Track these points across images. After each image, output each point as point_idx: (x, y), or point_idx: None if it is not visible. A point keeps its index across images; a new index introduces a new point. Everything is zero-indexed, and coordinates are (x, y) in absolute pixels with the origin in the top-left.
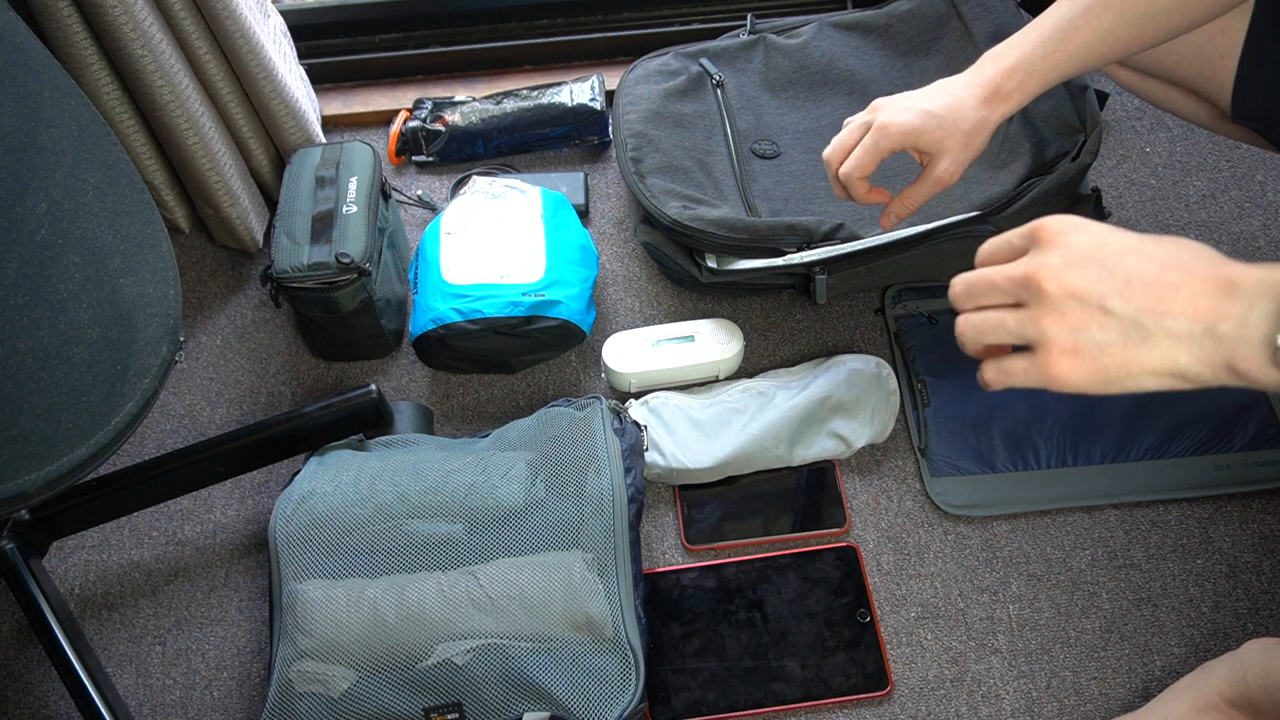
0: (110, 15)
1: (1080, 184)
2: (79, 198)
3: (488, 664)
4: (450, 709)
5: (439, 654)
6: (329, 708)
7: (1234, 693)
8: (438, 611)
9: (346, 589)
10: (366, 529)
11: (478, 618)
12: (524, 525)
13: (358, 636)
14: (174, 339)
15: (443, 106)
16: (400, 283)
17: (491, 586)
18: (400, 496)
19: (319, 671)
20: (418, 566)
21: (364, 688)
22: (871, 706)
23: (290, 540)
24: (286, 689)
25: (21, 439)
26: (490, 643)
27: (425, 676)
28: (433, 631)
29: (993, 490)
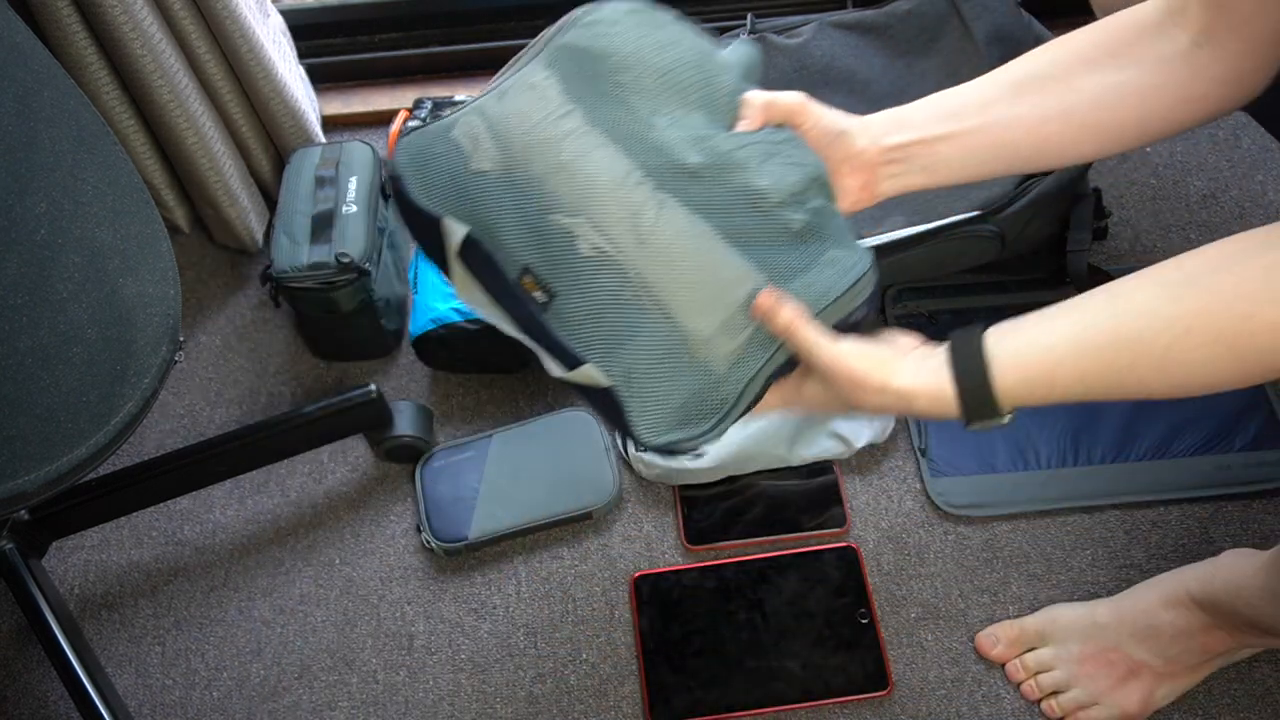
0: (110, 15)
1: (1081, 184)
2: (78, 197)
3: (603, 277)
4: (544, 288)
5: (570, 224)
6: (454, 172)
7: (1201, 592)
8: (603, 191)
9: (563, 103)
10: (629, 95)
11: (627, 233)
12: (759, 223)
13: (529, 140)
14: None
15: (443, 106)
16: (400, 283)
17: (661, 226)
18: (686, 104)
19: (478, 133)
20: (631, 155)
21: (495, 187)
22: (872, 706)
23: (565, 41)
24: (448, 125)
25: (21, 439)
26: (622, 263)
27: (546, 230)
28: (580, 199)
29: (993, 490)
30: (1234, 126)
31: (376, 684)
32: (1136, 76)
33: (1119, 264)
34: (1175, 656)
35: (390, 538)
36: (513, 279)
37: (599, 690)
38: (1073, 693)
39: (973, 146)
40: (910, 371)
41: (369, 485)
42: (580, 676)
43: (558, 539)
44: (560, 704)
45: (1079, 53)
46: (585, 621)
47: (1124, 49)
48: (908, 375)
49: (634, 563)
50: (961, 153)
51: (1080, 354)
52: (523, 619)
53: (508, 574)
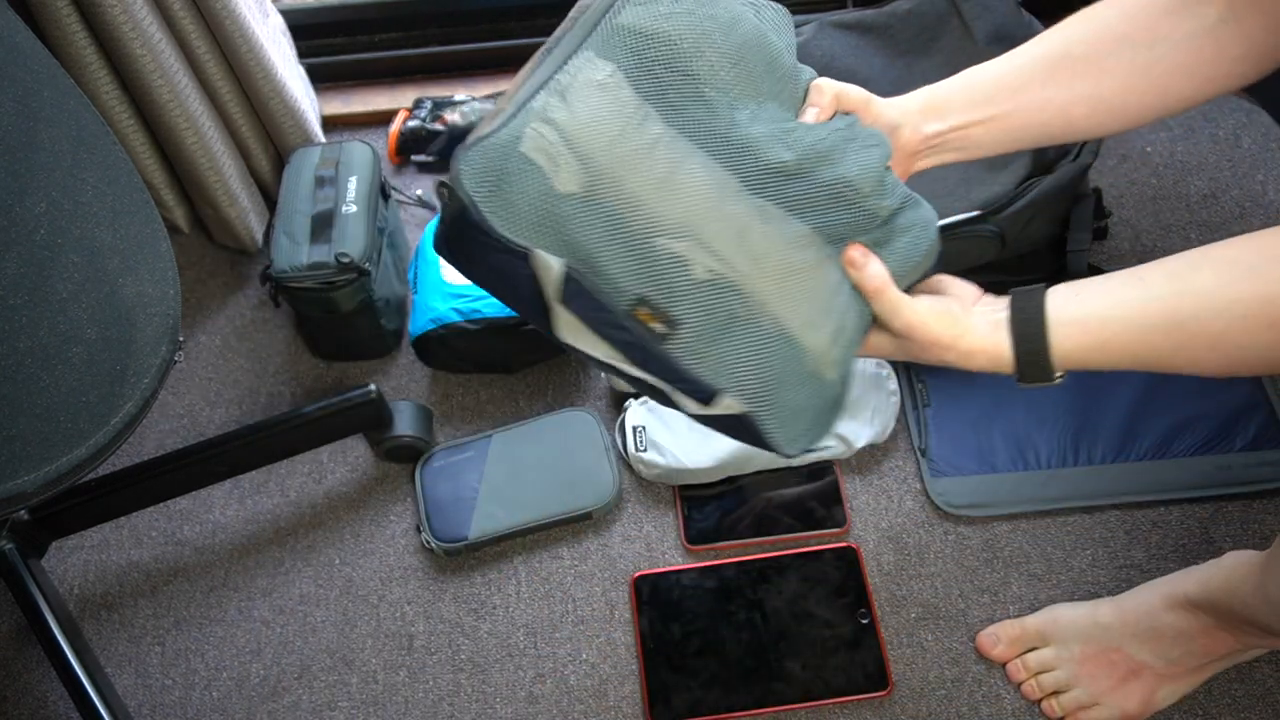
0: (109, 15)
1: (1081, 184)
2: (78, 197)
3: (718, 301)
4: (664, 318)
5: (679, 248)
6: (541, 194)
7: (1201, 594)
8: (707, 208)
9: (638, 105)
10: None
11: (738, 252)
12: (850, 216)
13: (614, 159)
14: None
15: (443, 106)
16: (400, 283)
17: (770, 240)
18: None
19: (555, 149)
20: (717, 157)
21: (587, 211)
22: (872, 707)
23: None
24: (515, 138)
25: (21, 439)
26: (738, 283)
27: (653, 256)
28: (686, 222)
29: (993, 490)
30: (1234, 126)
31: (376, 684)
32: (1165, 55)
33: (1119, 264)
34: (1177, 658)
35: (390, 538)
36: (623, 312)
37: (599, 690)
38: (1074, 693)
39: (1006, 128)
40: (978, 333)
41: (369, 485)
42: (580, 676)
43: (558, 539)
44: (560, 704)
45: (1109, 28)
46: (585, 621)
47: (1153, 25)
48: (976, 336)
49: (634, 563)
50: (995, 135)
51: (1137, 328)
52: (523, 619)
53: (508, 574)
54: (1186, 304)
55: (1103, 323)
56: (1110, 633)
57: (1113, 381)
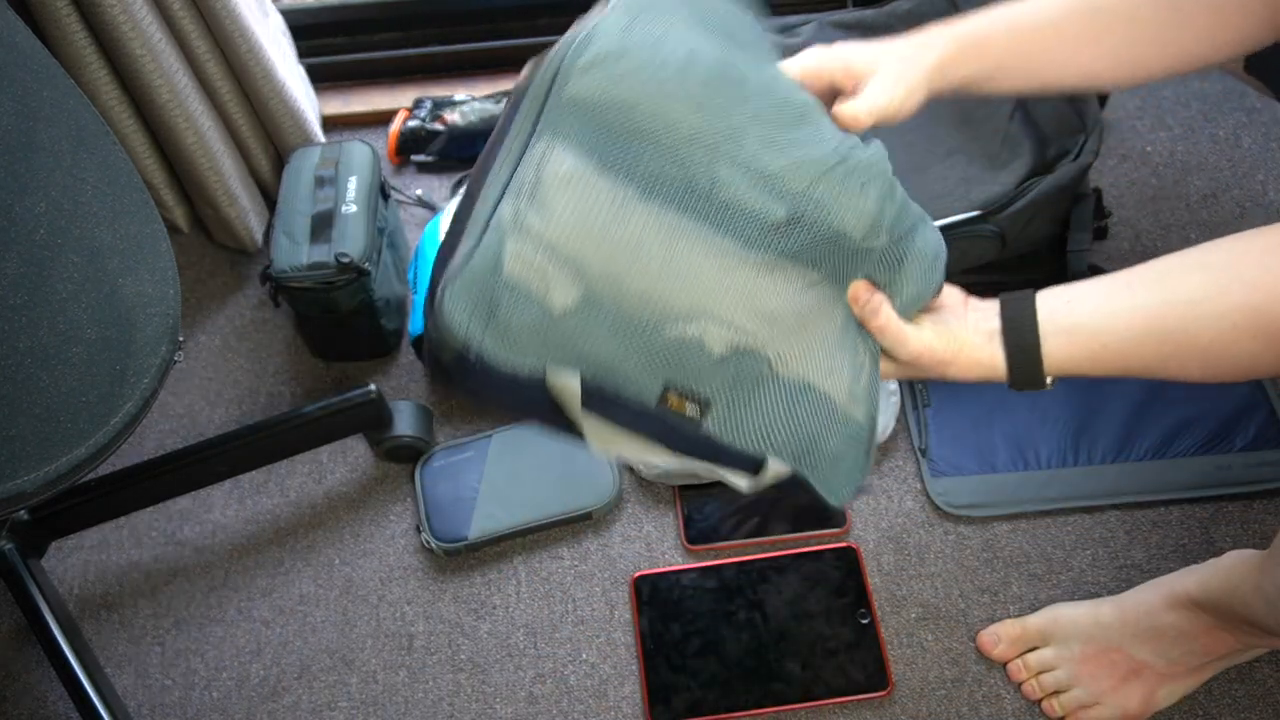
0: (109, 14)
1: (1081, 184)
2: (78, 197)
3: (744, 371)
4: (695, 400)
5: (693, 331)
6: (542, 319)
7: (1202, 593)
8: (709, 286)
9: (611, 192)
10: (673, 145)
11: (751, 316)
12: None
13: (606, 258)
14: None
15: (443, 106)
16: (400, 283)
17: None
18: (734, 134)
19: (540, 265)
20: (706, 221)
21: (591, 320)
22: (872, 707)
23: (571, 96)
24: (494, 264)
25: (20, 439)
26: (757, 348)
27: (669, 347)
28: (695, 303)
29: (993, 490)
30: (1234, 126)
31: (376, 684)
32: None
33: (1119, 264)
34: (1177, 658)
35: (390, 538)
36: (653, 405)
37: (599, 690)
38: (1074, 692)
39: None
40: (973, 347)
41: (369, 485)
42: (580, 676)
43: (558, 539)
44: (560, 704)
45: None
46: (585, 621)
47: None
48: (972, 349)
49: (634, 563)
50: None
51: (1127, 338)
52: (523, 619)
53: (508, 574)
54: (1174, 314)
55: (1093, 334)
56: (1111, 632)
57: (1113, 381)
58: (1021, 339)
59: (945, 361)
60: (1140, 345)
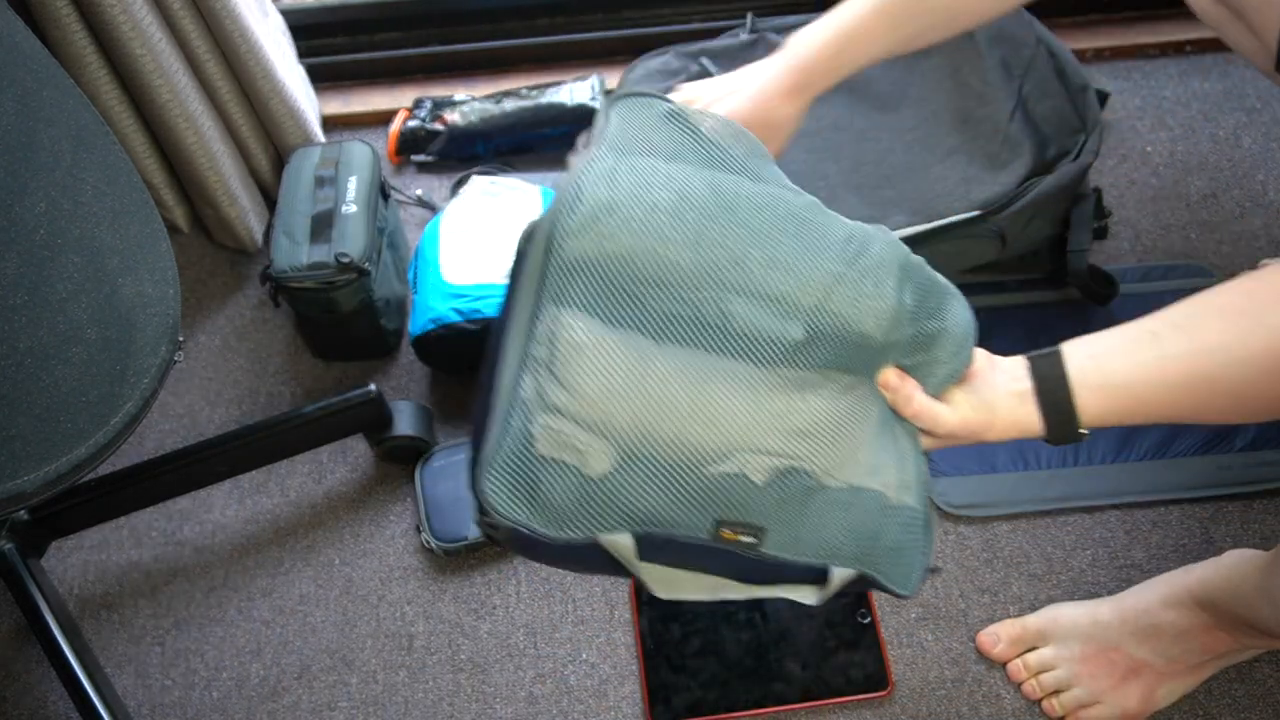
0: (109, 14)
1: (1081, 184)
2: (78, 197)
3: (790, 490)
4: (749, 529)
5: (732, 466)
6: (582, 488)
7: (1202, 593)
8: (742, 419)
9: (627, 348)
10: (676, 287)
11: (786, 438)
12: (875, 354)
13: (634, 414)
14: (173, 339)
15: (442, 106)
16: (400, 283)
17: (810, 410)
18: (736, 261)
19: (573, 437)
20: (725, 353)
21: (629, 477)
22: (872, 707)
23: (568, 261)
24: (525, 444)
25: (20, 439)
26: (798, 466)
27: (711, 487)
28: (730, 440)
29: (993, 490)
30: (1234, 126)
31: (376, 684)
32: None
33: (1119, 264)
34: (1177, 656)
35: (390, 538)
36: (708, 541)
37: (599, 690)
38: (1074, 692)
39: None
40: (1008, 410)
41: (369, 485)
42: (580, 676)
43: None
44: (560, 704)
45: None
46: (585, 621)
47: None
48: (1007, 414)
49: None
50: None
51: (1160, 388)
52: (523, 619)
53: (508, 574)
54: (1204, 362)
55: (1126, 387)
56: (1110, 631)
57: None
58: (1055, 398)
59: (982, 429)
60: (1173, 394)
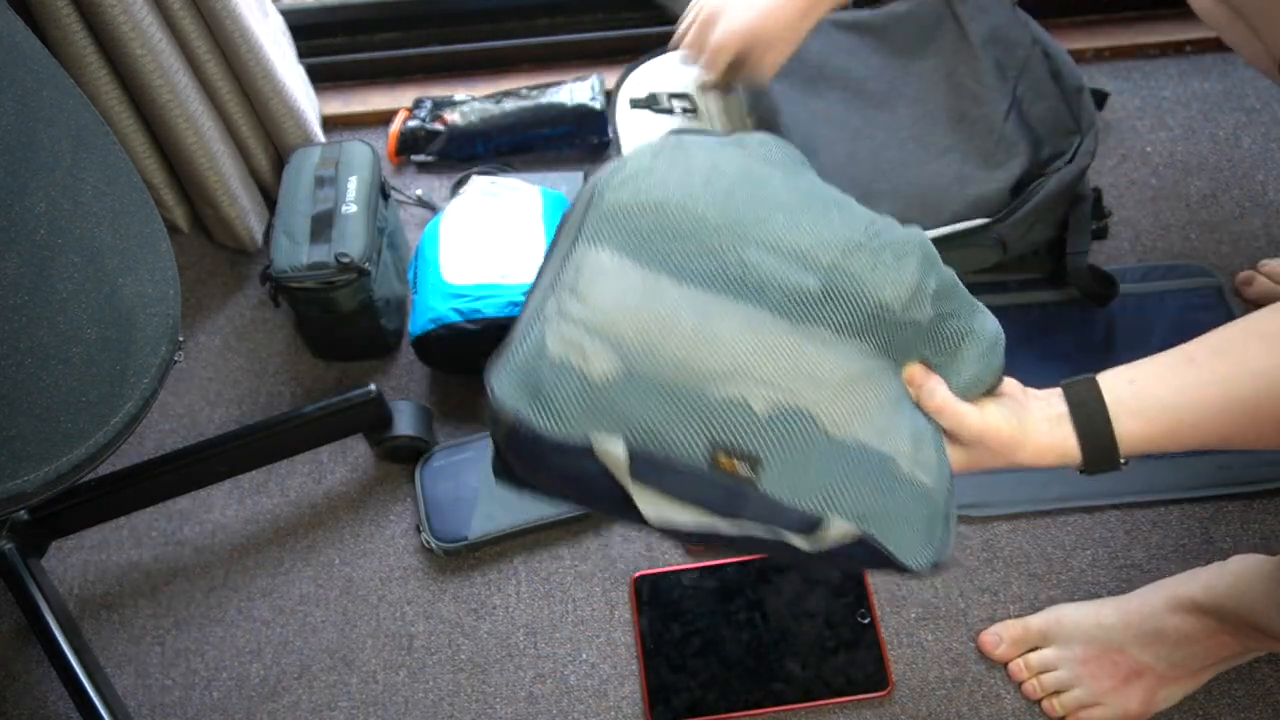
0: (109, 14)
1: (1079, 185)
2: (78, 197)
3: (792, 428)
4: (746, 458)
5: (734, 391)
6: (582, 390)
7: (1206, 598)
8: (747, 350)
9: (645, 276)
10: (701, 237)
11: (795, 378)
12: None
13: (640, 327)
14: (173, 339)
15: (442, 106)
16: (400, 283)
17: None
18: (760, 219)
19: (581, 339)
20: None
21: (631, 388)
22: (872, 707)
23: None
24: (539, 347)
25: (21, 439)
26: (804, 408)
27: (711, 406)
28: (733, 365)
29: (993, 490)
30: (1234, 126)
31: (376, 684)
32: None
33: (1119, 264)
34: (1179, 661)
35: (390, 538)
36: (705, 469)
37: (599, 690)
38: (1075, 692)
39: None
40: (1044, 431)
41: (369, 485)
42: (580, 676)
43: (558, 539)
44: (560, 704)
45: None
46: (585, 621)
47: None
48: (1043, 435)
49: (634, 563)
50: None
51: (1200, 413)
52: (523, 619)
53: (508, 574)
54: (1244, 386)
55: (1164, 410)
56: (1113, 634)
57: None
58: (1093, 423)
59: (1013, 443)
60: (1213, 419)
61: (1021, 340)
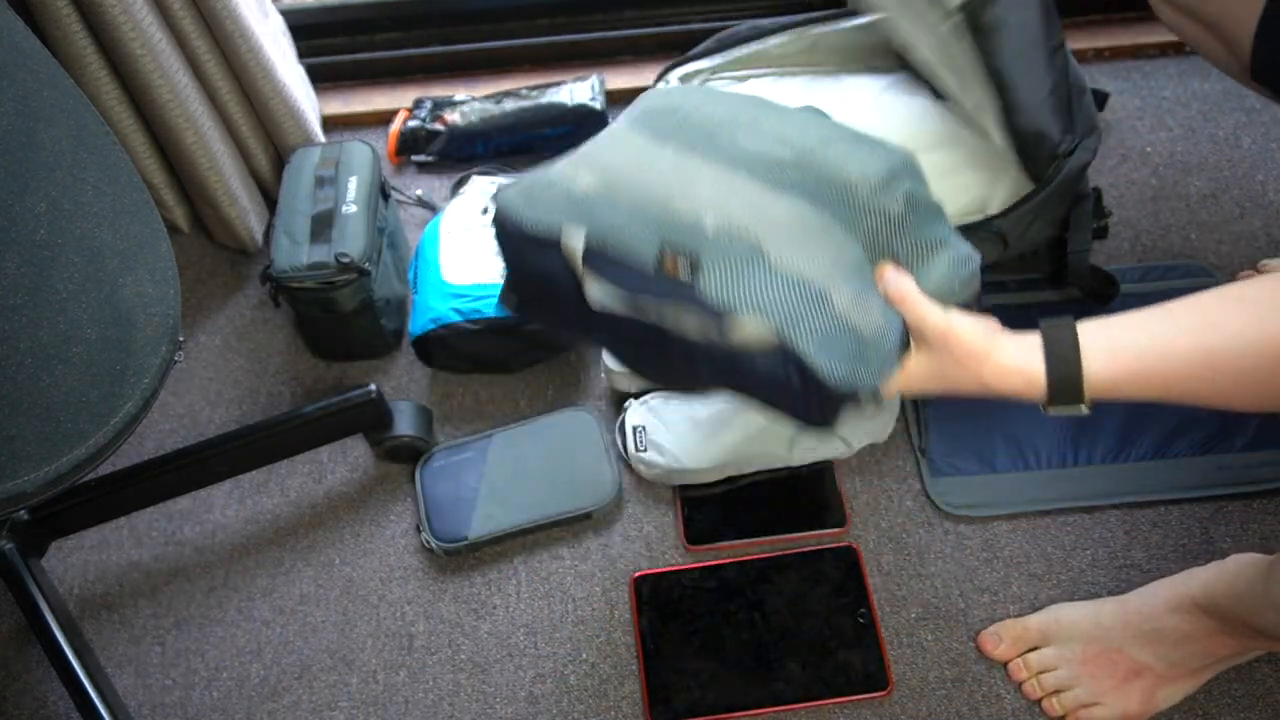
0: (109, 14)
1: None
2: (78, 197)
3: (737, 247)
4: (689, 259)
5: (692, 208)
6: (564, 195)
7: (1205, 597)
8: (713, 188)
9: (649, 143)
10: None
11: (752, 216)
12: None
13: (628, 161)
14: (173, 339)
15: (443, 106)
16: (400, 283)
17: (781, 210)
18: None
19: (576, 166)
20: (723, 161)
21: (604, 200)
22: (872, 707)
23: (635, 109)
24: (544, 175)
25: (21, 439)
26: (752, 238)
27: (668, 215)
28: (698, 196)
29: (993, 490)
30: (1234, 126)
31: (376, 684)
32: None
33: (1119, 264)
34: (1179, 660)
35: (390, 538)
36: (652, 268)
37: (599, 690)
38: (1074, 692)
39: None
40: (1012, 349)
41: (369, 485)
42: (580, 676)
43: (558, 539)
44: (560, 704)
45: None
46: (585, 621)
47: None
48: (1010, 353)
49: (634, 563)
50: None
51: (1168, 360)
52: (523, 619)
53: (508, 574)
54: (1214, 339)
55: (1133, 353)
56: (1112, 634)
57: None
58: (1062, 350)
59: (979, 353)
60: (1180, 368)
61: None
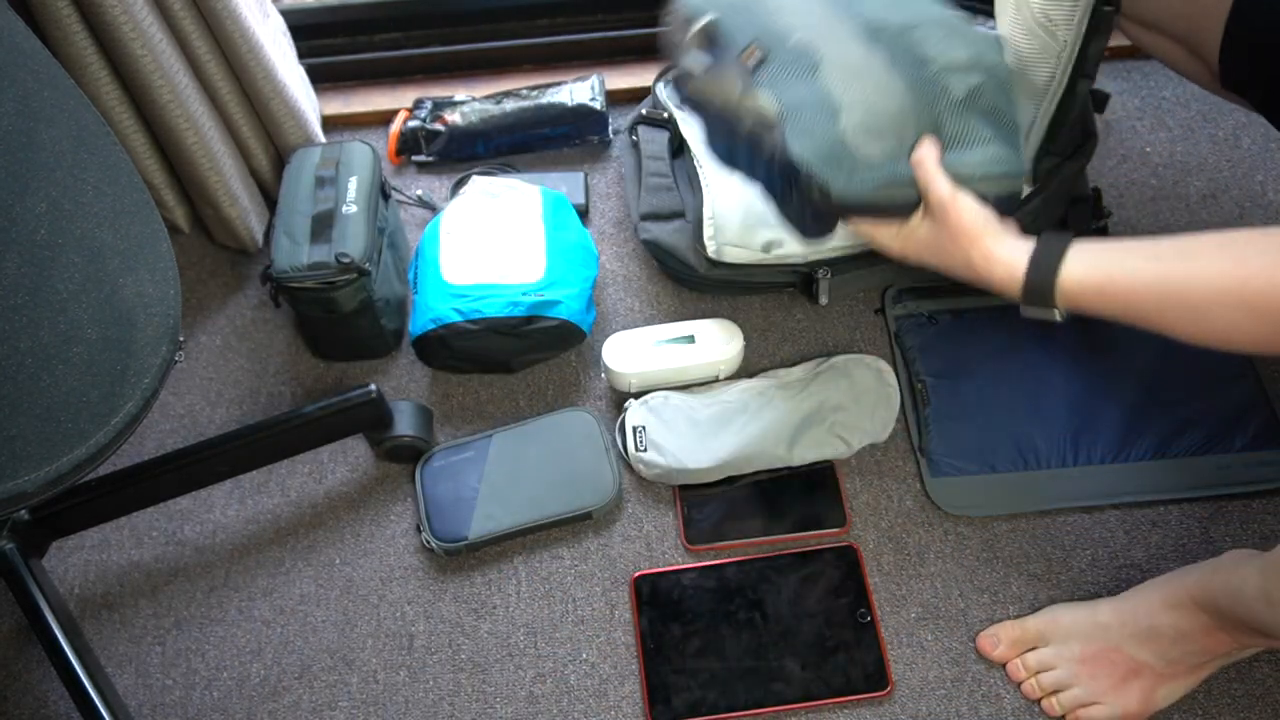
0: (110, 15)
1: (1078, 186)
2: (78, 197)
3: (801, 62)
4: (761, 49)
5: (788, 28)
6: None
7: (1201, 594)
8: (817, 23)
9: None
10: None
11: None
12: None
13: None
14: (174, 339)
15: (443, 106)
16: (400, 283)
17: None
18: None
19: None
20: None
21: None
22: (872, 707)
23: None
24: None
25: (21, 439)
26: (817, 56)
27: (771, 26)
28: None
29: (993, 490)
30: (1234, 126)
31: (376, 684)
32: None
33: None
34: (1177, 658)
35: (390, 538)
36: (737, 53)
37: (599, 690)
38: (1073, 691)
39: None
40: (1006, 243)
41: (369, 485)
42: (580, 676)
43: (558, 539)
44: (560, 704)
45: None
46: (585, 621)
47: None
48: (1003, 244)
49: (634, 563)
50: None
51: (1134, 280)
52: (523, 619)
53: (508, 574)
54: (1178, 271)
55: (1104, 271)
56: (1110, 633)
57: (1113, 381)
58: (1048, 259)
59: (972, 232)
60: (1143, 290)
61: (1023, 340)
